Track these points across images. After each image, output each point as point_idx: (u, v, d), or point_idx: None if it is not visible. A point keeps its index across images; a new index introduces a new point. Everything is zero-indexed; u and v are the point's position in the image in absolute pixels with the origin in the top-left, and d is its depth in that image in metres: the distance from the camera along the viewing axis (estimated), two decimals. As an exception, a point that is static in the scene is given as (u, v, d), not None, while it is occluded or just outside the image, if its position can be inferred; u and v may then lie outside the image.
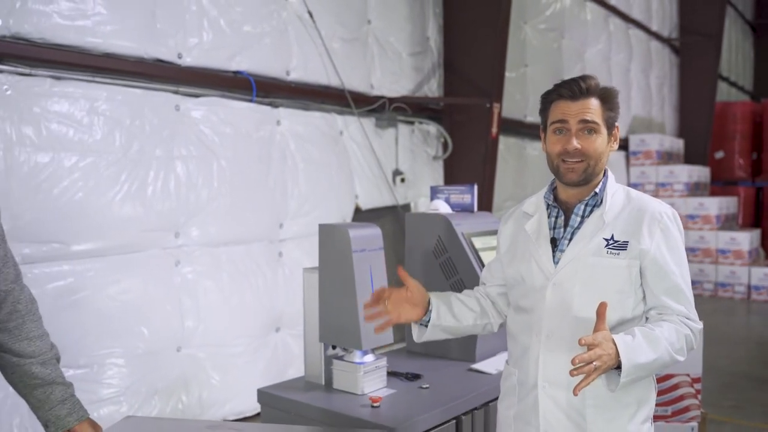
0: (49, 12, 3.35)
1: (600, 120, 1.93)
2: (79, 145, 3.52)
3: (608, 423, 1.93)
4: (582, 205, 2.00)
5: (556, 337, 1.96)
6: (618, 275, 1.92)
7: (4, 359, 1.81)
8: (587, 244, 1.95)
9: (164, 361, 3.95)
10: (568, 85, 1.94)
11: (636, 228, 1.93)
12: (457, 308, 2.19)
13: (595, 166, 1.94)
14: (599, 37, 9.29)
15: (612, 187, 2.01)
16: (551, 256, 1.99)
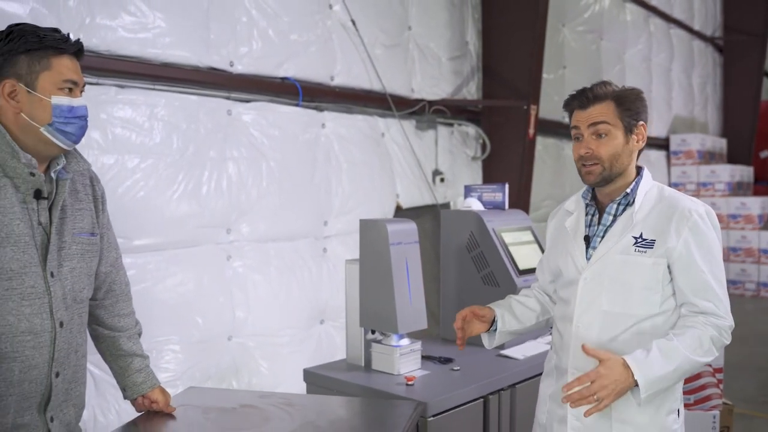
0: (114, 26, 3.65)
1: (612, 122, 2.03)
2: (140, 148, 3.81)
3: (634, 412, 2.01)
4: (614, 204, 2.11)
5: (586, 328, 2.08)
6: (644, 272, 2.01)
7: (98, 331, 2.10)
8: (617, 242, 2.05)
9: (217, 348, 4.23)
10: (578, 95, 2.11)
11: (665, 226, 2.01)
12: (518, 311, 2.37)
13: (610, 167, 2.04)
14: (639, 38, 9.35)
15: (645, 186, 2.10)
16: (584, 252, 2.12)
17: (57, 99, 1.78)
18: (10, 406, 1.76)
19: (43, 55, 1.76)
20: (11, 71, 1.75)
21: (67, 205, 1.89)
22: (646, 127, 2.11)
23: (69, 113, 1.79)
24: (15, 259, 1.72)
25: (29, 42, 1.74)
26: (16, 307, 1.73)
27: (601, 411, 1.94)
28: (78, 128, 1.85)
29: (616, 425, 2.03)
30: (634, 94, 2.09)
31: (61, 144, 1.82)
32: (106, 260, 2.06)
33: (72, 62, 1.82)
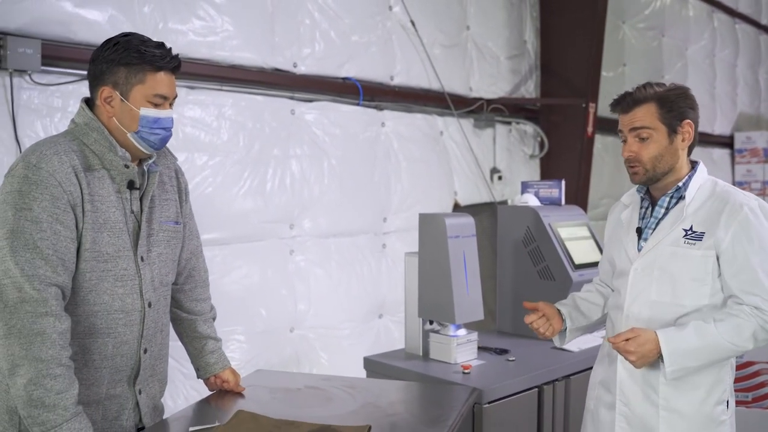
0: (185, 30, 3.83)
1: (654, 124, 2.08)
2: (209, 146, 3.98)
3: (680, 400, 2.07)
4: (666, 198, 2.16)
5: (635, 317, 2.14)
6: (693, 264, 2.05)
7: (176, 314, 2.27)
8: (667, 234, 2.10)
9: (279, 339, 4.37)
10: (621, 99, 2.15)
11: (715, 219, 2.05)
12: (584, 307, 2.42)
13: (653, 168, 2.10)
14: (702, 34, 9.18)
15: (698, 180, 2.14)
16: (636, 244, 2.18)
17: (145, 111, 1.93)
18: (104, 377, 1.93)
19: (140, 70, 1.91)
20: (110, 79, 1.93)
21: (156, 195, 2.05)
22: (693, 125, 2.14)
23: (154, 124, 1.94)
24: (111, 243, 1.89)
25: (130, 56, 1.90)
26: (110, 287, 1.90)
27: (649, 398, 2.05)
28: (160, 138, 1.99)
29: (662, 413, 2.07)
30: (676, 94, 2.12)
31: (144, 150, 1.98)
32: (188, 248, 2.22)
33: (167, 77, 1.97)
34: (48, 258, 1.76)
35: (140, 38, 1.97)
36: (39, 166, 1.79)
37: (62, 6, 3.38)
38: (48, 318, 1.73)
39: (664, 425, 2.08)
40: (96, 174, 1.90)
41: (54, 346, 1.73)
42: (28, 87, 3.33)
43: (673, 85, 2.16)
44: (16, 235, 1.75)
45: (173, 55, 1.98)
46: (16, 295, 1.72)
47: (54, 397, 1.71)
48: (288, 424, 1.97)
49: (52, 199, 1.79)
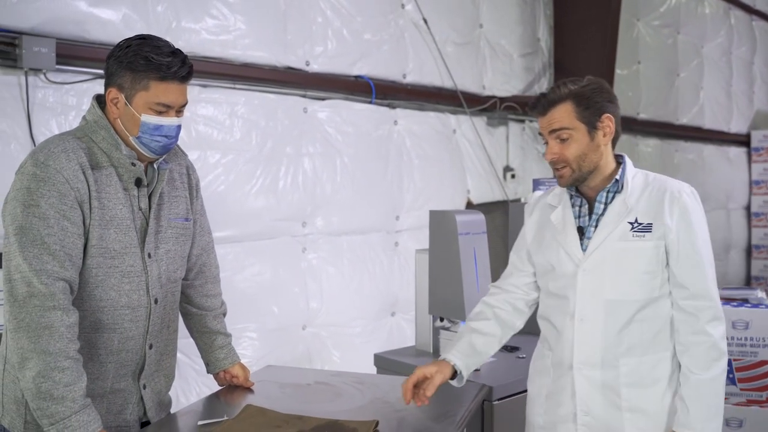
0: (198, 29, 3.86)
1: (571, 123, 2.02)
2: (221, 144, 4.01)
3: (642, 398, 2.03)
4: (605, 193, 2.09)
5: (590, 320, 2.05)
6: (645, 256, 2.01)
7: (187, 309, 2.28)
8: (613, 229, 2.04)
9: (291, 337, 4.39)
10: (536, 102, 2.08)
11: (658, 208, 2.02)
12: (480, 345, 2.23)
13: (579, 168, 2.04)
14: (719, 31, 9.12)
15: (631, 172, 2.10)
16: (579, 244, 2.09)
17: (146, 117, 1.93)
18: (109, 372, 1.95)
19: (146, 77, 1.90)
20: (117, 81, 1.93)
21: (165, 192, 2.07)
22: (612, 119, 2.06)
23: (155, 131, 1.94)
24: (117, 240, 1.91)
25: (137, 62, 1.90)
26: (117, 283, 1.92)
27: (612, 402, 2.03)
28: (161, 146, 1.98)
29: (626, 415, 2.03)
30: (591, 89, 2.05)
31: (145, 154, 1.98)
32: (198, 244, 2.24)
33: (173, 86, 1.93)
34: (55, 253, 1.78)
35: (154, 44, 1.94)
36: (47, 163, 1.82)
37: (76, 5, 3.41)
38: (56, 312, 1.75)
39: (629, 427, 2.04)
40: (104, 171, 1.91)
41: (62, 339, 1.75)
42: (42, 86, 3.36)
43: (589, 80, 2.08)
44: (24, 231, 1.77)
45: (183, 65, 1.95)
46: (25, 290, 1.75)
47: (62, 389, 1.73)
48: (296, 419, 1.99)
49: (60, 195, 1.81)
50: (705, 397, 1.98)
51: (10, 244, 1.79)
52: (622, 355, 2.04)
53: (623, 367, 2.03)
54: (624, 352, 2.04)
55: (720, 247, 9.19)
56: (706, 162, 8.89)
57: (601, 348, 2.03)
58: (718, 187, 9.08)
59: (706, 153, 8.92)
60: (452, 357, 2.18)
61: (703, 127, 8.72)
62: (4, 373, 1.92)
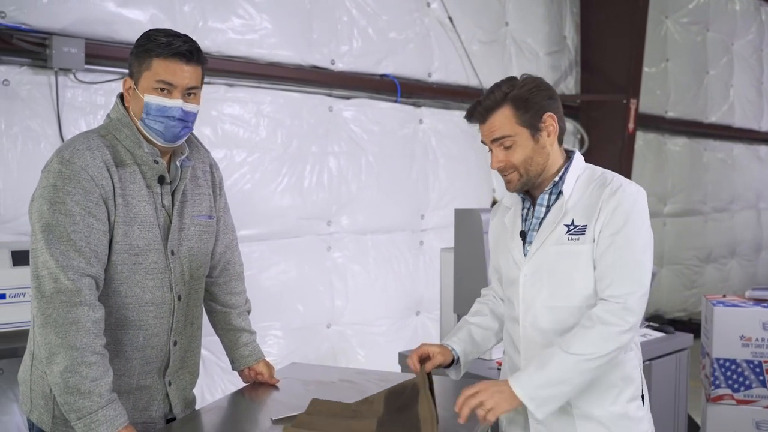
0: (224, 29, 3.89)
1: (512, 130, 1.91)
2: (247, 143, 4.04)
3: (593, 404, 1.93)
4: (546, 195, 2.00)
5: (533, 327, 1.98)
6: (580, 260, 1.91)
7: (211, 306, 2.30)
8: (550, 234, 1.95)
9: (316, 335, 4.42)
10: (471, 110, 1.98)
11: (593, 209, 1.91)
12: (479, 336, 2.21)
13: (527, 172, 1.94)
14: (749, 28, 8.99)
15: (575, 172, 1.98)
16: (522, 249, 2.01)
17: (148, 98, 1.92)
18: (135, 368, 1.97)
19: (147, 57, 1.91)
20: (130, 70, 1.96)
21: (188, 189, 2.08)
22: (554, 116, 1.96)
23: (158, 112, 1.92)
24: (141, 237, 1.93)
25: (141, 44, 1.93)
26: (141, 280, 1.94)
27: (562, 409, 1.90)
28: (166, 128, 1.94)
29: (579, 422, 1.94)
30: (529, 89, 1.94)
31: (154, 140, 1.97)
32: (222, 241, 2.25)
33: (173, 64, 1.91)
34: (81, 250, 1.80)
35: (165, 30, 1.97)
36: (72, 161, 1.84)
37: (105, 6, 3.46)
38: (82, 307, 1.77)
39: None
40: (127, 169, 1.93)
41: (88, 334, 1.77)
42: (72, 85, 3.41)
43: (524, 80, 1.96)
44: (51, 228, 1.80)
45: (185, 43, 1.93)
46: (52, 286, 1.77)
47: (89, 384, 1.75)
48: (363, 404, 1.98)
49: (85, 193, 1.83)
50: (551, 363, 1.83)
51: (37, 241, 1.81)
52: None
53: None
54: None
55: (750, 248, 9.06)
56: (736, 161, 8.77)
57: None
58: (749, 186, 8.96)
59: (736, 152, 8.80)
60: (452, 343, 2.16)
61: (732, 126, 8.60)
62: (32, 369, 1.95)
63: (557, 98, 1.99)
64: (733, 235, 8.71)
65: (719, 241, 8.43)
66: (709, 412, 3.50)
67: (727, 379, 3.46)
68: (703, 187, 8.12)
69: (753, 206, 9.15)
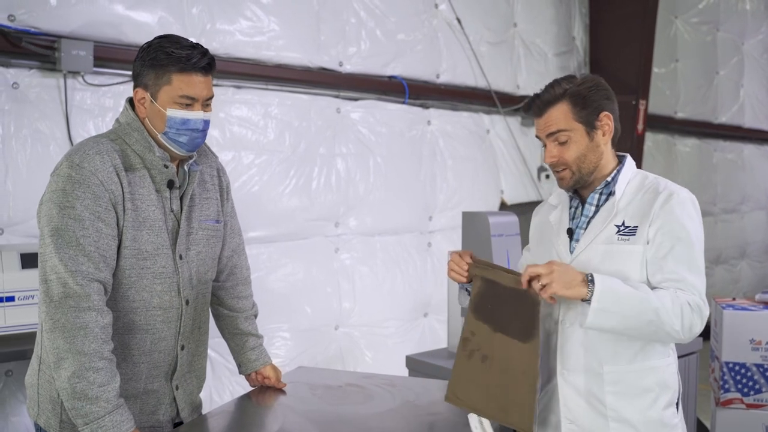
0: (232, 31, 3.89)
1: (569, 125, 1.94)
2: (255, 145, 4.04)
3: (628, 408, 1.94)
4: (596, 195, 2.02)
5: (573, 325, 1.98)
6: (629, 260, 1.92)
7: (218, 310, 2.30)
8: (599, 233, 1.97)
9: (324, 337, 4.41)
10: (529, 103, 2.01)
11: (646, 212, 1.93)
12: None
13: (579, 170, 1.97)
14: (759, 28, 8.92)
15: (627, 174, 2.01)
16: (568, 246, 2.03)
17: (171, 111, 1.94)
18: (142, 372, 1.98)
19: (167, 71, 1.92)
20: (143, 81, 1.96)
21: (196, 194, 2.09)
22: (611, 116, 1.99)
23: (181, 125, 1.95)
24: (150, 241, 1.93)
25: (159, 58, 1.93)
26: (149, 284, 1.95)
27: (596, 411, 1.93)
28: (188, 140, 1.98)
29: (612, 424, 1.95)
30: (588, 87, 1.97)
31: (175, 150, 1.99)
32: (229, 246, 2.26)
33: (196, 78, 1.94)
34: (90, 255, 1.81)
35: (174, 39, 1.98)
36: (82, 165, 1.84)
37: (114, 8, 3.47)
38: (90, 312, 1.78)
39: None
40: (137, 173, 1.94)
41: (96, 339, 1.78)
42: (81, 88, 3.42)
43: (584, 78, 2.00)
44: (60, 232, 1.80)
45: (203, 56, 1.96)
46: (60, 290, 1.78)
47: (96, 389, 1.76)
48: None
49: (94, 197, 1.83)
50: (639, 290, 1.84)
51: (46, 245, 1.82)
52: (607, 363, 1.95)
53: (608, 375, 1.95)
54: (609, 360, 1.95)
55: (760, 249, 9.02)
56: (746, 162, 8.72)
57: (584, 354, 1.96)
58: (759, 187, 8.91)
59: (746, 152, 8.75)
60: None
61: (743, 126, 8.56)
62: (39, 373, 1.96)
63: (614, 99, 2.02)
64: (743, 237, 8.67)
65: (729, 243, 8.38)
66: (718, 416, 3.49)
67: (737, 383, 3.44)
68: (712, 188, 8.08)
69: (763, 207, 9.10)
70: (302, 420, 2.04)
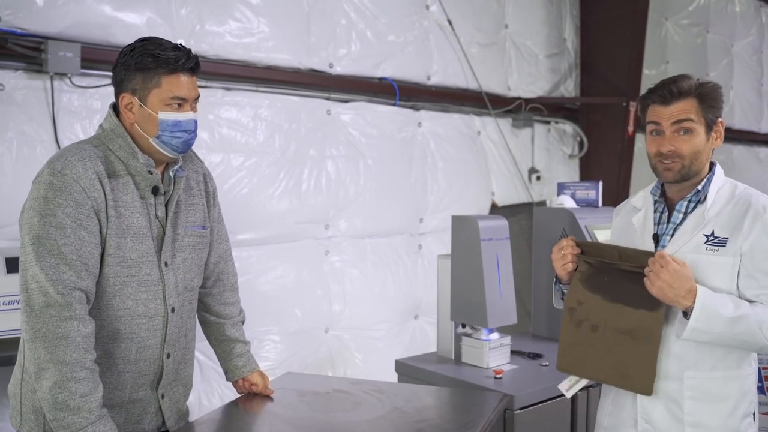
0: (222, 32, 3.86)
1: (696, 119, 1.97)
2: (245, 147, 4.01)
3: (706, 415, 1.96)
4: (685, 202, 2.04)
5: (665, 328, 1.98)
6: (717, 271, 1.93)
7: (205, 317, 2.28)
8: (687, 241, 1.98)
9: (314, 340, 4.39)
10: (660, 89, 2.01)
11: (738, 223, 1.94)
12: None
13: (690, 165, 1.98)
14: (749, 29, 8.94)
15: (717, 183, 2.03)
16: (654, 251, 2.01)
17: (163, 114, 1.94)
18: (127, 381, 1.95)
19: (156, 74, 1.92)
20: (129, 86, 1.94)
21: (182, 200, 2.07)
22: (723, 124, 2.05)
23: (174, 127, 1.95)
24: (134, 249, 1.91)
25: (145, 61, 1.92)
26: (134, 292, 1.92)
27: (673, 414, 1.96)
28: (182, 141, 1.99)
29: (689, 429, 1.97)
30: (716, 90, 2.02)
31: (167, 154, 1.98)
32: (216, 252, 2.24)
33: (184, 79, 1.96)
34: (72, 263, 1.78)
35: (157, 42, 1.97)
36: (63, 172, 1.82)
37: (101, 10, 3.43)
38: (72, 322, 1.76)
39: None
40: (120, 180, 1.92)
41: (78, 349, 1.75)
42: (68, 90, 3.39)
43: (708, 81, 2.04)
44: (41, 240, 1.78)
45: (189, 56, 1.97)
46: (41, 300, 1.75)
47: (78, 400, 1.74)
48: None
49: (76, 205, 1.81)
50: (740, 310, 1.86)
51: (27, 254, 1.79)
52: (688, 368, 1.97)
53: (688, 381, 1.97)
54: (690, 365, 1.98)
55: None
56: (735, 163, 8.73)
57: (664, 359, 1.97)
58: (749, 188, 8.92)
59: (735, 153, 8.76)
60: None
61: (732, 127, 8.56)
62: (22, 383, 1.93)
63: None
64: (733, 237, 8.67)
65: (720, 243, 8.38)
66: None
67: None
68: (703, 189, 8.08)
69: (753, 208, 9.12)
70: (290, 427, 2.03)
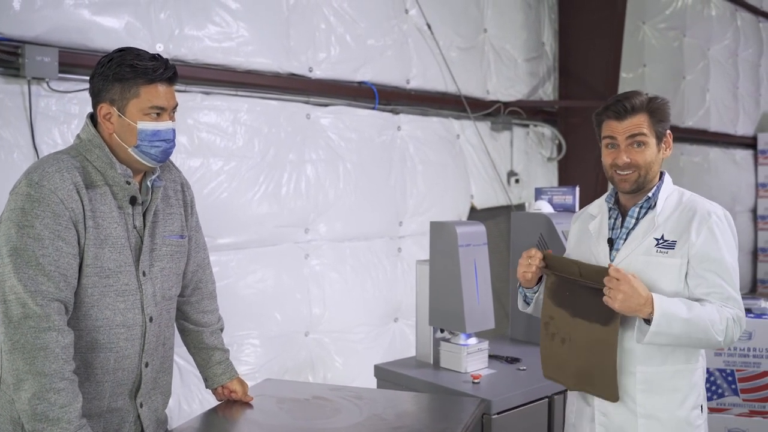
0: (201, 36, 3.86)
1: (648, 132, 2.12)
2: (224, 151, 4.01)
3: (657, 406, 2.11)
4: (636, 208, 2.20)
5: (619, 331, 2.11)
6: (666, 272, 2.10)
7: (183, 325, 2.29)
8: (639, 244, 2.14)
9: (294, 343, 4.39)
10: (614, 105, 2.15)
11: (685, 227, 2.11)
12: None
13: (645, 174, 2.14)
14: (725, 33, 9.07)
15: (666, 190, 2.20)
16: (608, 255, 2.19)
17: (142, 124, 1.95)
18: (105, 391, 1.95)
19: (134, 84, 1.92)
20: (107, 96, 1.95)
21: (159, 209, 2.07)
22: (671, 135, 2.21)
23: (153, 137, 1.96)
24: (112, 259, 1.91)
25: (123, 71, 1.92)
26: (112, 302, 1.92)
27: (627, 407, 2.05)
28: (161, 151, 2.00)
29: (641, 420, 2.11)
30: (665, 105, 2.16)
31: (147, 163, 1.99)
32: (194, 260, 2.24)
33: (162, 88, 1.97)
34: (50, 274, 1.78)
35: (135, 52, 1.98)
36: (41, 183, 1.82)
37: (80, 14, 3.42)
38: (51, 333, 1.76)
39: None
40: (98, 190, 1.92)
41: (57, 360, 1.75)
42: (45, 94, 3.37)
43: (656, 96, 2.19)
44: (19, 252, 1.78)
45: (167, 66, 1.98)
46: (20, 311, 1.75)
47: (58, 410, 1.74)
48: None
49: (54, 216, 1.81)
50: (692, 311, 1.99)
51: (5, 265, 1.79)
52: (640, 363, 2.11)
53: (640, 375, 2.10)
54: (641, 360, 2.11)
55: (726, 251, 9.13)
56: (712, 165, 8.85)
57: (619, 354, 2.09)
58: (724, 189, 9.04)
59: (712, 156, 8.88)
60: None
61: (709, 130, 8.69)
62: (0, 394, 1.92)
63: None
64: (709, 238, 8.77)
65: (696, 245, 8.48)
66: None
67: (701, 388, 3.49)
68: (679, 191, 8.17)
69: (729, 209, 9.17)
70: (269, 435, 2.04)
